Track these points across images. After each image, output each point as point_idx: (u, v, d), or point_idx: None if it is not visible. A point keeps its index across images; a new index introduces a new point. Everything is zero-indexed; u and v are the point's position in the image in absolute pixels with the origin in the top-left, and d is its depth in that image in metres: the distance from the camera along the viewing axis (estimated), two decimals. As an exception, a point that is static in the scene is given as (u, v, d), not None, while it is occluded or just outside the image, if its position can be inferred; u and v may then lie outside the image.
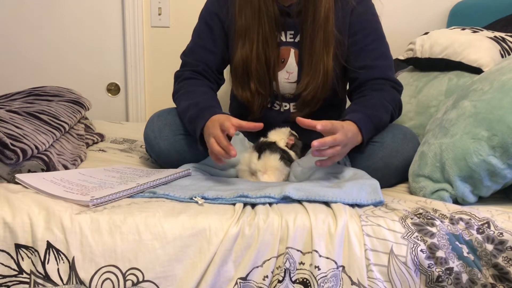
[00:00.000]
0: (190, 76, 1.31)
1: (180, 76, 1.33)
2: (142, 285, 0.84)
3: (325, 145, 0.99)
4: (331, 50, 1.27)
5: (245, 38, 1.29)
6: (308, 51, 1.28)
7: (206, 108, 1.15)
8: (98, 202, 0.91)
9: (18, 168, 1.02)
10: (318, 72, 1.27)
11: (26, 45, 2.06)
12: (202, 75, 1.32)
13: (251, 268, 0.85)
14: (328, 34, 1.26)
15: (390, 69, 1.29)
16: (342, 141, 1.02)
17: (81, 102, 1.54)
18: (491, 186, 1.00)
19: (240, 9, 1.29)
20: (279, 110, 1.38)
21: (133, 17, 2.01)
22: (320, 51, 1.26)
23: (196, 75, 1.32)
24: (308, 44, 1.27)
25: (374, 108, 1.17)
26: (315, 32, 1.26)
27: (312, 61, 1.27)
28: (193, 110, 1.17)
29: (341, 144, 1.02)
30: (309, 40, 1.27)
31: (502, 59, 1.31)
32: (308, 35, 1.27)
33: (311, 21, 1.26)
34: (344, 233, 0.86)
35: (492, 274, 0.86)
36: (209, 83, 1.33)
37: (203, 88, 1.28)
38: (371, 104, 1.19)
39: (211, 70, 1.34)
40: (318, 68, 1.27)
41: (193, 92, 1.25)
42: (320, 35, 1.25)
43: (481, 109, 1.01)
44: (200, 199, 0.95)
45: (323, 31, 1.25)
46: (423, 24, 1.95)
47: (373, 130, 1.15)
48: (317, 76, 1.27)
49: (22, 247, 0.85)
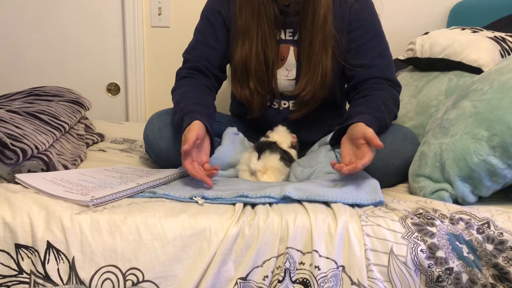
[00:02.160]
0: (187, 75, 1.31)
1: (179, 75, 1.33)
2: (142, 285, 0.84)
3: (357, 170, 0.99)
4: (329, 50, 1.27)
5: (245, 38, 1.29)
6: (307, 52, 1.28)
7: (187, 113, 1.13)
8: (98, 202, 0.91)
9: (18, 168, 1.02)
10: (316, 73, 1.27)
11: (26, 45, 2.06)
12: (201, 73, 1.32)
13: (251, 268, 0.85)
14: (327, 35, 1.26)
15: (388, 68, 1.29)
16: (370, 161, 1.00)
17: (81, 102, 1.54)
18: (491, 186, 1.00)
19: (240, 9, 1.29)
20: (278, 108, 1.38)
21: (133, 17, 2.01)
22: (319, 52, 1.26)
23: (194, 73, 1.31)
24: (307, 45, 1.27)
25: (380, 110, 1.16)
26: (314, 33, 1.26)
27: (311, 62, 1.27)
28: (178, 115, 1.15)
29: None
30: (307, 41, 1.27)
31: (502, 59, 1.31)
32: (306, 36, 1.27)
33: (310, 22, 1.26)
34: (344, 233, 0.86)
35: (492, 274, 0.86)
36: (207, 81, 1.32)
37: (195, 88, 1.26)
38: (376, 105, 1.17)
39: (212, 66, 1.33)
40: (317, 69, 1.27)
41: (184, 93, 1.24)
42: (319, 37, 1.25)
43: (481, 109, 1.01)
44: (200, 199, 0.95)
45: (322, 33, 1.25)
46: (423, 24, 1.94)
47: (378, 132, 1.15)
48: (316, 77, 1.27)
49: (22, 247, 0.85)
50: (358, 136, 1.02)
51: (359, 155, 1.01)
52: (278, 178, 1.18)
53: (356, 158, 1.02)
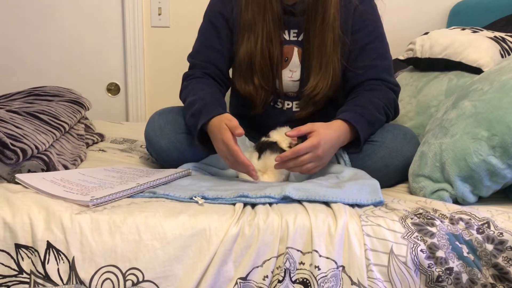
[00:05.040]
0: (200, 76, 1.31)
1: (190, 76, 1.33)
2: (142, 285, 0.84)
3: (286, 158, 1.04)
4: (339, 50, 1.27)
5: (250, 32, 1.29)
6: (318, 52, 1.27)
7: (211, 105, 1.16)
8: (98, 202, 0.91)
9: (18, 168, 1.02)
10: (328, 73, 1.27)
11: (26, 45, 2.06)
12: (211, 78, 1.32)
13: (251, 268, 0.85)
14: (336, 35, 1.26)
15: (387, 70, 1.29)
16: (310, 148, 1.04)
17: (81, 102, 1.54)
18: (491, 186, 1.00)
19: (246, 4, 1.29)
20: (282, 108, 1.37)
21: (133, 17, 2.01)
22: (330, 52, 1.26)
23: (207, 76, 1.32)
24: (317, 45, 1.27)
25: (364, 107, 1.17)
26: (325, 33, 1.25)
27: (322, 62, 1.27)
28: (199, 105, 1.16)
29: (311, 150, 1.04)
30: (318, 41, 1.26)
31: (502, 59, 1.31)
32: (316, 36, 1.27)
33: (320, 22, 1.25)
34: (344, 233, 0.86)
35: (492, 274, 0.86)
36: (218, 85, 1.33)
37: (212, 87, 1.28)
38: (360, 103, 1.20)
39: (219, 71, 1.34)
40: (329, 69, 1.27)
41: (201, 89, 1.25)
42: (331, 36, 1.25)
43: (481, 109, 1.01)
44: (200, 199, 0.95)
45: (333, 32, 1.25)
46: (423, 24, 1.95)
47: (369, 126, 1.16)
48: (328, 77, 1.27)
49: (22, 247, 0.85)
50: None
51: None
52: (278, 178, 1.18)
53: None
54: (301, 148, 1.04)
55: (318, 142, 1.04)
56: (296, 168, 1.07)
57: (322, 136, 1.06)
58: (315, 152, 1.05)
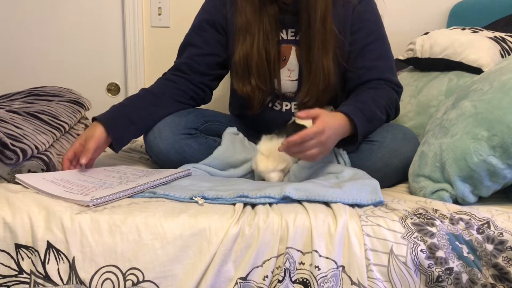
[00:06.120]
0: (167, 77, 1.33)
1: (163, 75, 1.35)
2: (142, 285, 0.84)
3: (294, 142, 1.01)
4: (330, 52, 1.25)
5: (246, 34, 1.28)
6: (306, 57, 1.27)
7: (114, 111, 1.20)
8: (98, 202, 0.91)
9: (18, 168, 1.02)
10: (318, 80, 1.26)
11: (26, 45, 2.05)
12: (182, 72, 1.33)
13: (251, 268, 0.85)
14: (327, 37, 1.24)
15: (389, 70, 1.29)
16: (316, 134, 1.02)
17: (81, 102, 1.54)
18: (491, 186, 1.00)
19: (241, 6, 1.29)
20: (280, 110, 1.37)
21: (133, 17, 2.01)
22: (318, 57, 1.25)
23: (166, 81, 1.32)
24: (306, 50, 1.27)
25: (364, 102, 1.17)
26: (312, 37, 1.25)
27: (311, 69, 1.26)
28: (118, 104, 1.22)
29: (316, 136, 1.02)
30: (306, 46, 1.26)
31: (502, 59, 1.31)
32: (304, 41, 1.27)
33: (307, 27, 1.25)
34: (344, 233, 0.86)
35: (492, 274, 0.86)
36: (184, 82, 1.32)
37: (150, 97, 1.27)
38: (361, 99, 1.19)
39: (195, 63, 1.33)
40: (318, 75, 1.26)
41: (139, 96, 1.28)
42: (318, 41, 1.24)
43: (481, 109, 1.01)
44: (200, 199, 0.95)
45: (321, 35, 1.24)
46: (423, 24, 1.94)
47: (367, 121, 1.15)
48: (317, 84, 1.26)
49: (22, 247, 0.85)
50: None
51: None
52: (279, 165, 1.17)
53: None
54: (309, 132, 1.01)
55: (323, 128, 1.03)
56: (299, 154, 1.05)
57: (327, 122, 1.05)
58: (319, 138, 1.03)
